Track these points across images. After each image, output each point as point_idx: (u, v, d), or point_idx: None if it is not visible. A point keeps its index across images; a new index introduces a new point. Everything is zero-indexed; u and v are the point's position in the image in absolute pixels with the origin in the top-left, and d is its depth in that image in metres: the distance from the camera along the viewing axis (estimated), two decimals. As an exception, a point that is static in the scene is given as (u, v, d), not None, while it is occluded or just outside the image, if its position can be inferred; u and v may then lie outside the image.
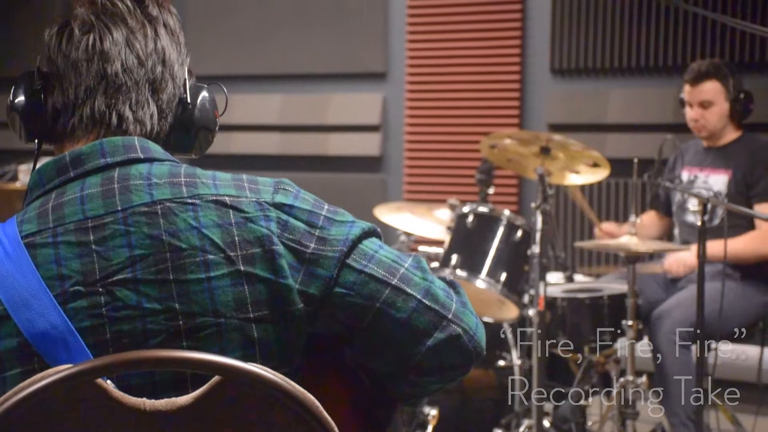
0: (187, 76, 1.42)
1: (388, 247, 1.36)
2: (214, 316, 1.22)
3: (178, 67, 1.40)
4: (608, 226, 3.99)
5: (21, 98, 1.38)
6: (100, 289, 1.21)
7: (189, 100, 1.40)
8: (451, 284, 1.39)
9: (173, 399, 1.11)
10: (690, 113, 3.73)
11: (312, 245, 1.29)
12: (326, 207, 1.35)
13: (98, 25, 1.34)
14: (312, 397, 1.14)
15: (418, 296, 1.32)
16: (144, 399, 1.09)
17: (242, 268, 1.24)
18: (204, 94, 1.44)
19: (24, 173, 5.38)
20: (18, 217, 1.27)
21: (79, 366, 1.00)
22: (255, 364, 1.13)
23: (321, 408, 1.14)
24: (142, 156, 1.30)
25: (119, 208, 1.24)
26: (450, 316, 1.33)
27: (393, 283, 1.31)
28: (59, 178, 1.28)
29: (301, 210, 1.31)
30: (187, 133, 1.41)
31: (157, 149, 1.33)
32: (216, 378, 1.12)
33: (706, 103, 3.69)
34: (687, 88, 3.75)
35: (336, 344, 1.43)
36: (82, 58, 1.33)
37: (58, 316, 1.17)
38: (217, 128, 1.46)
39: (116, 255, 1.22)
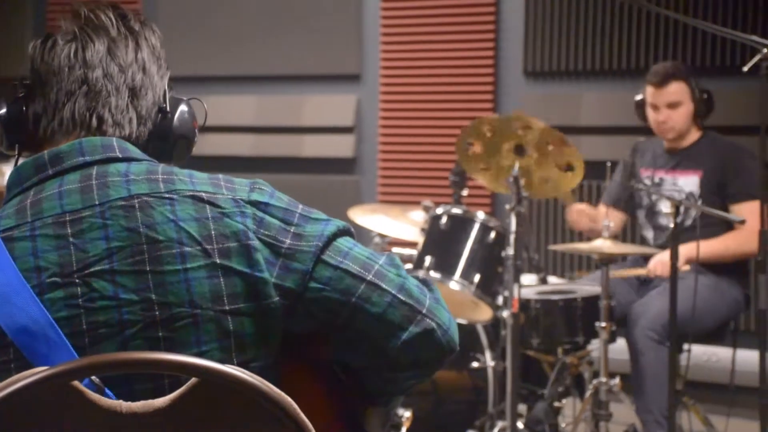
0: (167, 88, 1.46)
1: (361, 245, 1.39)
2: (190, 307, 1.24)
3: (158, 79, 1.44)
4: (581, 206, 3.98)
5: (2, 108, 1.41)
6: (77, 280, 1.22)
7: (168, 109, 1.44)
8: (424, 282, 1.42)
9: (150, 401, 1.10)
10: (656, 116, 3.74)
11: (288, 241, 1.31)
12: (301, 206, 1.37)
13: (81, 35, 1.39)
14: (289, 399, 1.14)
15: (393, 291, 1.34)
16: (120, 401, 1.08)
17: (218, 260, 1.27)
18: (183, 105, 1.48)
19: (1, 176, 5.33)
20: None
21: (54, 368, 1.00)
22: (232, 366, 1.13)
23: (298, 409, 1.14)
24: (120, 155, 1.33)
25: (97, 203, 1.27)
26: (424, 311, 1.35)
27: (368, 278, 1.34)
28: (38, 175, 1.30)
29: (276, 208, 1.34)
30: (166, 141, 1.45)
31: (135, 150, 1.37)
32: (193, 380, 1.11)
33: (674, 104, 3.71)
34: (651, 90, 3.76)
35: (314, 344, 1.44)
36: (64, 64, 1.37)
37: (38, 310, 1.19)
38: (196, 139, 1.50)
39: (93, 247, 1.24)
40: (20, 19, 6.19)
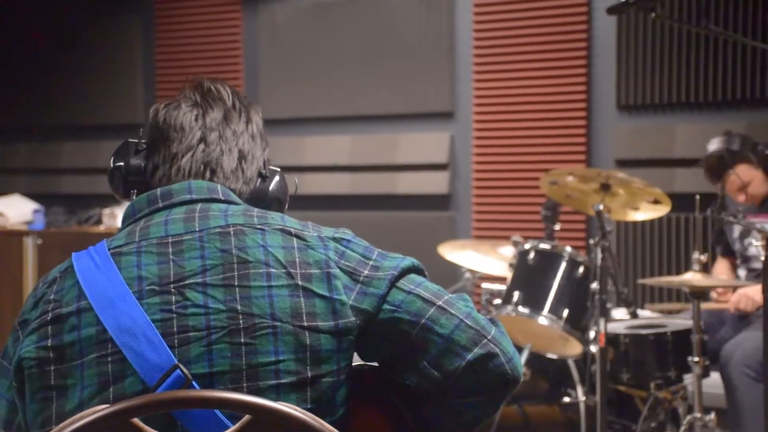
0: (267, 159, 1.64)
1: (433, 283, 1.50)
2: (271, 319, 1.36)
3: (261, 150, 1.63)
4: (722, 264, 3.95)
5: (124, 159, 1.60)
6: (173, 290, 1.37)
7: (267, 175, 1.63)
8: (491, 319, 1.50)
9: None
10: (735, 197, 3.72)
11: (366, 271, 1.44)
12: (378, 250, 1.50)
13: (202, 102, 1.59)
14: (340, 435, 1.20)
15: (461, 316, 1.44)
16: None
17: (300, 282, 1.40)
18: (279, 175, 1.66)
19: (107, 217, 5.60)
20: (107, 240, 1.46)
21: (116, 406, 1.09)
22: (285, 404, 1.21)
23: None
24: (222, 198, 1.51)
25: (197, 229, 1.43)
26: (489, 337, 1.44)
27: (438, 303, 1.45)
28: (149, 207, 1.48)
29: (357, 245, 1.48)
30: (262, 202, 1.60)
31: (235, 198, 1.54)
32: (247, 416, 1.20)
33: (743, 186, 3.67)
34: (713, 181, 3.75)
35: (383, 383, 1.51)
36: (186, 123, 1.56)
37: (138, 313, 1.34)
38: (287, 204, 1.67)
39: (190, 264, 1.39)
40: (131, 71, 6.50)
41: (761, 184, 3.72)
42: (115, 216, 5.53)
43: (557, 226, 4.18)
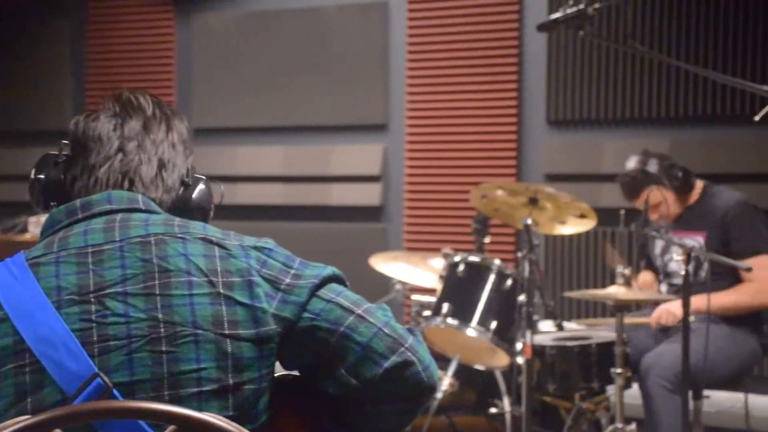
0: (190, 167, 1.64)
1: (353, 292, 1.53)
2: (193, 327, 1.37)
3: (183, 158, 1.62)
4: (646, 277, 4.03)
5: (43, 171, 1.60)
6: (92, 299, 1.37)
7: (190, 183, 1.62)
8: (410, 329, 1.53)
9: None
10: (648, 214, 3.79)
11: (287, 280, 1.46)
12: (300, 259, 1.51)
13: (122, 112, 1.58)
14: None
15: (379, 325, 1.47)
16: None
17: (222, 291, 1.41)
18: (203, 183, 1.65)
19: (34, 225, 5.51)
20: (25, 251, 1.45)
21: (37, 417, 1.09)
22: (209, 414, 1.22)
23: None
24: (143, 207, 1.50)
25: (117, 239, 1.42)
26: (406, 345, 1.48)
27: (357, 312, 1.48)
28: (68, 219, 1.47)
29: (278, 254, 1.49)
30: (184, 211, 1.60)
31: (156, 207, 1.53)
32: (172, 427, 1.20)
33: (654, 206, 3.75)
34: (628, 199, 3.84)
35: (304, 391, 1.53)
36: (104, 134, 1.55)
37: (57, 323, 1.34)
38: (212, 213, 1.67)
39: (110, 274, 1.39)
40: (60, 78, 6.40)
41: (673, 204, 3.81)
42: (41, 224, 5.44)
43: (487, 239, 4.24)
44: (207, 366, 1.37)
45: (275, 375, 1.48)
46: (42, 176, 1.59)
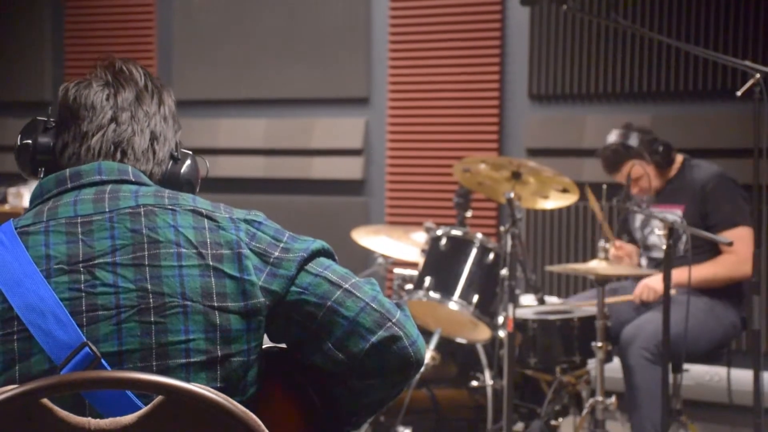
0: (178, 141, 1.64)
1: (341, 266, 1.53)
2: (181, 298, 1.38)
3: (173, 132, 1.63)
4: (623, 245, 4.03)
5: (32, 136, 1.58)
6: (82, 269, 1.37)
7: (179, 158, 1.62)
8: (398, 304, 1.53)
9: (117, 418, 1.18)
10: (630, 189, 3.79)
11: (276, 253, 1.46)
12: (289, 232, 1.52)
13: (114, 82, 1.57)
14: (254, 417, 1.22)
15: (366, 300, 1.48)
16: (89, 418, 1.17)
17: (211, 262, 1.41)
18: (191, 158, 1.65)
19: (13, 196, 5.45)
20: (14, 219, 1.44)
21: (24, 387, 1.08)
22: (198, 385, 1.22)
23: (263, 427, 1.22)
24: (133, 179, 1.50)
25: (107, 210, 1.42)
26: (394, 320, 1.48)
27: (345, 286, 1.48)
28: (57, 188, 1.47)
29: (268, 227, 1.50)
30: (173, 184, 1.59)
31: (146, 179, 1.53)
32: (160, 397, 1.20)
33: (635, 179, 3.76)
34: (609, 173, 3.85)
35: (291, 364, 1.53)
36: (97, 102, 1.54)
37: (46, 291, 1.34)
38: (198, 186, 1.67)
39: (99, 244, 1.39)
40: (39, 48, 6.33)
41: (654, 178, 3.82)
42: (21, 195, 5.39)
43: (469, 213, 4.24)
44: (195, 337, 1.37)
45: (263, 347, 1.48)
46: (30, 141, 1.58)
